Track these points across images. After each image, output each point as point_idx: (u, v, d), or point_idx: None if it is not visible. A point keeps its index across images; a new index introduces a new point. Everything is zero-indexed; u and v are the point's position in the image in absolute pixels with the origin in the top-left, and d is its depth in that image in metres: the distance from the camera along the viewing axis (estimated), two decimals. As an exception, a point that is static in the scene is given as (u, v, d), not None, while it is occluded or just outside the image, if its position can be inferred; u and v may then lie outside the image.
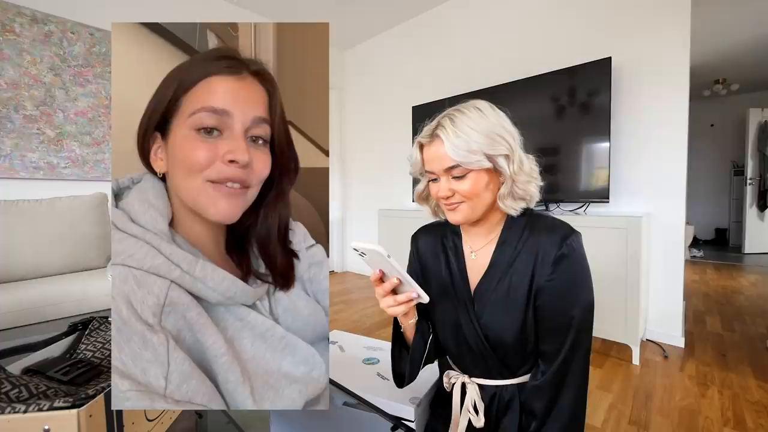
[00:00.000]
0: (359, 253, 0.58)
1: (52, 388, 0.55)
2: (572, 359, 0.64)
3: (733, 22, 3.29)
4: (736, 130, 5.52)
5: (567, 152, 2.17)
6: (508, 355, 0.70)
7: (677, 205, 1.99)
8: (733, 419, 1.33)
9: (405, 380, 0.75)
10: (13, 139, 2.08)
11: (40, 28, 2.14)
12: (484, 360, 0.71)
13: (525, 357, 0.70)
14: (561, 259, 0.64)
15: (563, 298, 0.64)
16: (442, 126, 0.64)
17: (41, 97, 2.15)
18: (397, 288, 0.62)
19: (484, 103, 0.67)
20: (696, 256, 4.69)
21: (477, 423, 0.70)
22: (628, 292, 1.79)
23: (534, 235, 0.67)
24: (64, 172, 2.25)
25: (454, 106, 0.67)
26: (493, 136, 0.63)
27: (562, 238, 0.64)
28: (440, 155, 0.64)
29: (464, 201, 0.66)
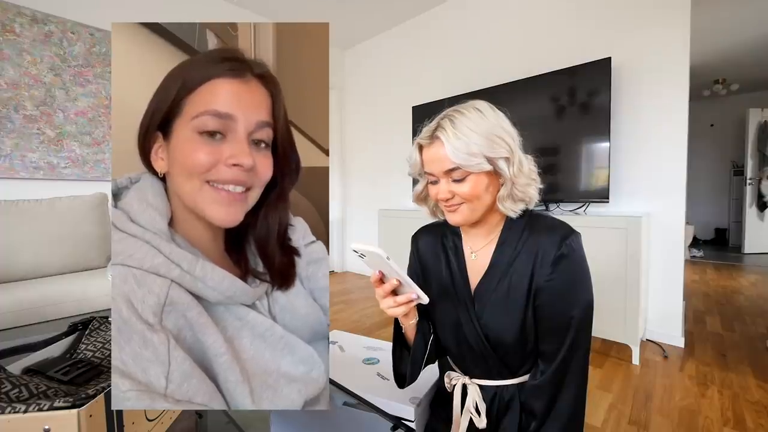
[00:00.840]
0: (359, 254, 0.58)
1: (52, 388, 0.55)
2: (571, 359, 0.64)
3: (733, 22, 3.29)
4: (736, 130, 5.52)
5: (567, 152, 2.17)
6: (508, 355, 0.70)
7: (677, 205, 1.99)
8: (733, 419, 1.33)
9: (406, 381, 0.75)
10: (13, 139, 2.08)
11: (40, 28, 2.14)
12: (484, 360, 0.71)
13: (525, 357, 0.70)
14: (560, 259, 0.64)
15: (563, 297, 0.64)
16: (441, 127, 0.64)
17: (41, 97, 2.15)
18: (397, 289, 0.62)
19: (483, 104, 0.66)
20: (696, 256, 4.69)
21: (479, 424, 0.70)
22: (628, 292, 1.79)
23: (534, 235, 0.67)
24: (64, 172, 2.25)
25: (454, 107, 0.67)
26: (492, 137, 0.63)
27: (561, 238, 0.64)
28: (440, 157, 0.64)
29: (464, 203, 0.66)
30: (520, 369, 0.71)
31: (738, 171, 5.43)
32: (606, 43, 2.16)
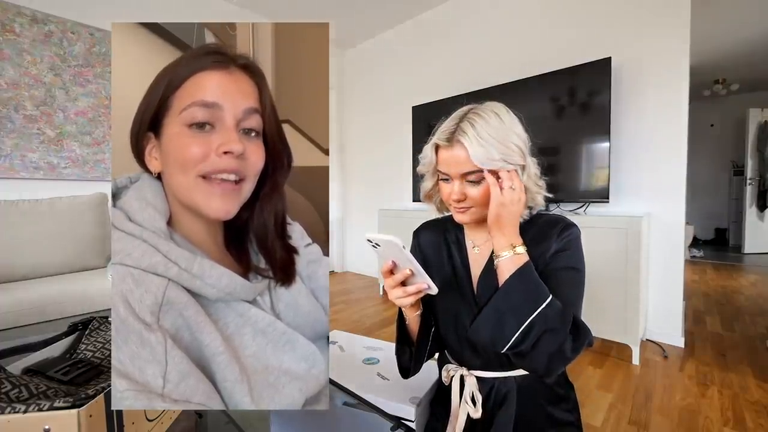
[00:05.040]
0: (373, 244, 0.59)
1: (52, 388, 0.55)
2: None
3: (733, 22, 3.29)
4: (736, 130, 5.52)
5: (567, 152, 2.17)
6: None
7: (677, 205, 1.99)
8: (733, 419, 1.33)
9: (410, 372, 0.76)
10: (13, 139, 2.08)
11: (40, 28, 2.14)
12: (484, 351, 0.72)
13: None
14: (565, 239, 0.66)
15: (569, 260, 0.66)
16: (462, 131, 0.63)
17: (41, 97, 2.15)
18: (407, 279, 0.63)
19: (501, 108, 0.67)
20: (696, 256, 4.69)
21: (474, 414, 0.71)
22: (628, 292, 1.79)
23: (537, 228, 0.69)
24: (64, 172, 2.25)
25: (472, 108, 0.66)
26: (509, 144, 0.63)
27: (564, 226, 0.68)
28: (459, 161, 0.64)
29: (473, 206, 0.67)
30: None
31: (738, 171, 5.43)
32: (606, 43, 2.16)
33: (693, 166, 2.42)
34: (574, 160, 2.15)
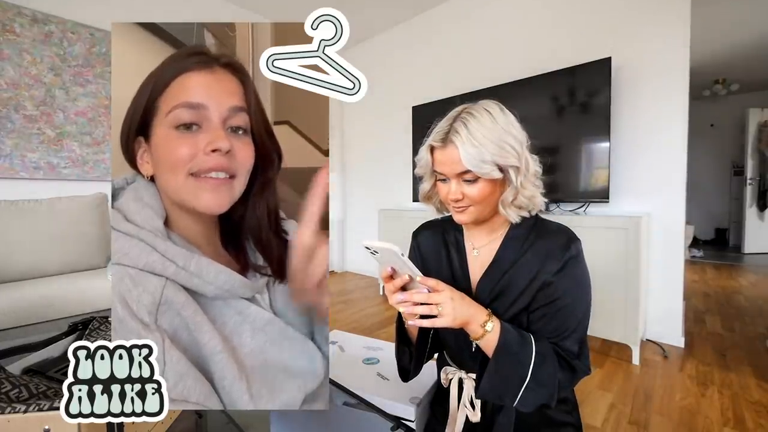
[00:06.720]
0: (371, 251, 0.59)
1: (52, 388, 0.55)
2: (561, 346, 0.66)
3: (733, 22, 3.29)
4: (736, 130, 5.52)
5: (567, 152, 2.17)
6: None
7: (677, 205, 1.99)
8: (733, 419, 1.33)
9: (410, 374, 0.76)
10: (13, 139, 2.07)
11: (40, 28, 2.14)
12: (482, 354, 0.71)
13: None
14: (569, 258, 0.66)
15: (570, 294, 0.66)
16: (456, 131, 0.63)
17: (41, 97, 2.15)
18: (407, 284, 0.63)
19: (495, 107, 0.66)
20: (696, 256, 4.69)
21: (473, 417, 0.71)
22: (628, 292, 1.79)
23: (540, 237, 0.69)
24: (64, 172, 2.25)
25: (465, 107, 0.66)
26: (503, 144, 0.63)
27: (568, 240, 0.67)
28: (454, 160, 0.64)
29: (472, 205, 0.67)
30: None
31: (738, 171, 5.42)
32: (606, 43, 2.15)
33: (693, 166, 2.42)
34: (573, 160, 2.15)
